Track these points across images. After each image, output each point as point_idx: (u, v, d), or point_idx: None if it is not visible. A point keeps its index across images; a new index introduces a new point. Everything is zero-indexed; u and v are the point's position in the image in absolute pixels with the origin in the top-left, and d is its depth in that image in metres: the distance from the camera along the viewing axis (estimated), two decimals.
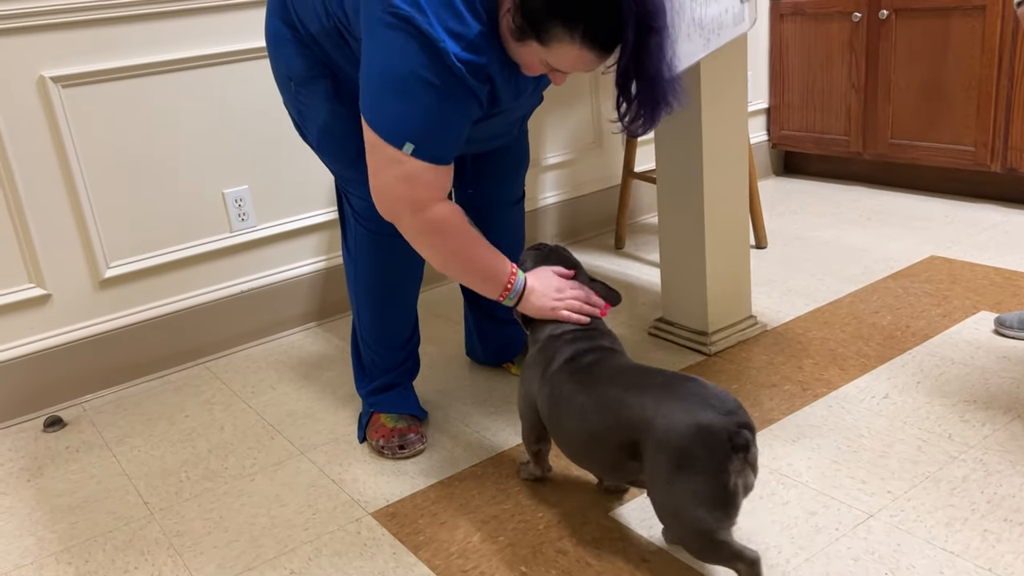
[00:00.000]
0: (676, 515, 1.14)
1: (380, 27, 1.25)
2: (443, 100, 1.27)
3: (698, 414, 1.11)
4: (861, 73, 2.96)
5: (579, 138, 2.86)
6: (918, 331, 1.96)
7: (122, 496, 1.66)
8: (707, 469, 1.09)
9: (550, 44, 1.23)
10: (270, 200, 2.30)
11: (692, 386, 1.16)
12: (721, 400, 1.13)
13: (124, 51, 2.02)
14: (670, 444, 1.12)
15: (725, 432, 1.09)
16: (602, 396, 1.23)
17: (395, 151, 1.29)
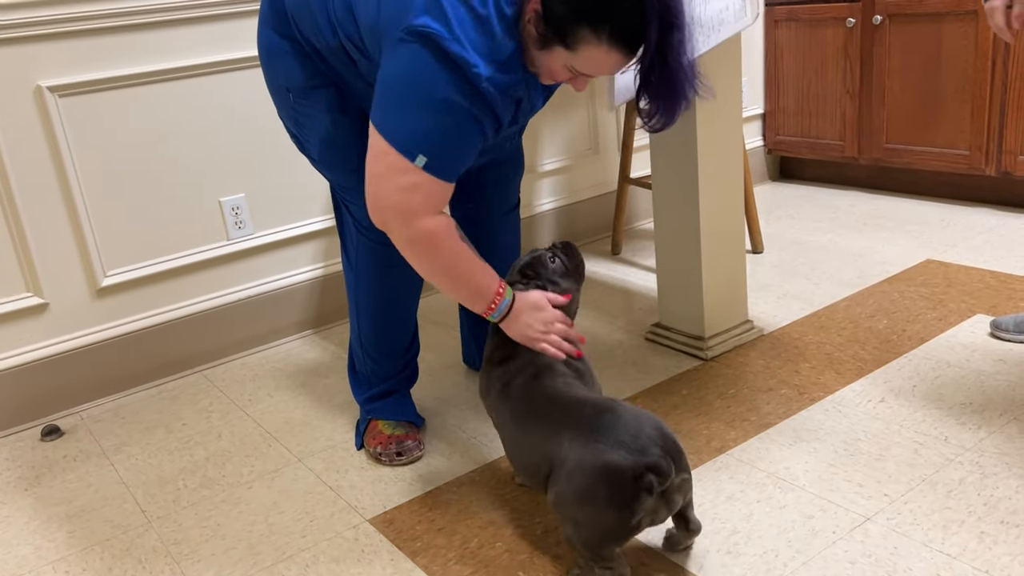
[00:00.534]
0: (575, 532, 1.20)
1: (408, 42, 1.23)
2: (466, 121, 1.27)
3: (606, 454, 1.14)
4: (856, 78, 2.97)
5: (575, 144, 2.86)
6: (914, 335, 1.97)
7: (119, 504, 1.66)
8: (612, 507, 1.14)
9: (577, 48, 1.24)
10: (267, 208, 2.30)
11: (609, 420, 1.19)
12: (634, 438, 1.15)
13: (121, 60, 2.03)
14: (575, 481, 1.18)
15: (631, 473, 1.12)
16: (528, 431, 1.31)
17: (404, 161, 1.27)
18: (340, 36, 1.40)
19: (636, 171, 2.99)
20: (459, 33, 1.21)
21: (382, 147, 1.29)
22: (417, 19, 1.22)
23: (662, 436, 1.17)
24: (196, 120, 2.16)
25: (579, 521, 1.19)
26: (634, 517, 1.14)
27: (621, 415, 1.20)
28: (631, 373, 1.94)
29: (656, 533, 1.38)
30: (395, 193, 1.30)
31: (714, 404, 1.77)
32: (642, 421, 1.19)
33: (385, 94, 1.28)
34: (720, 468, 1.54)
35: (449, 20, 1.21)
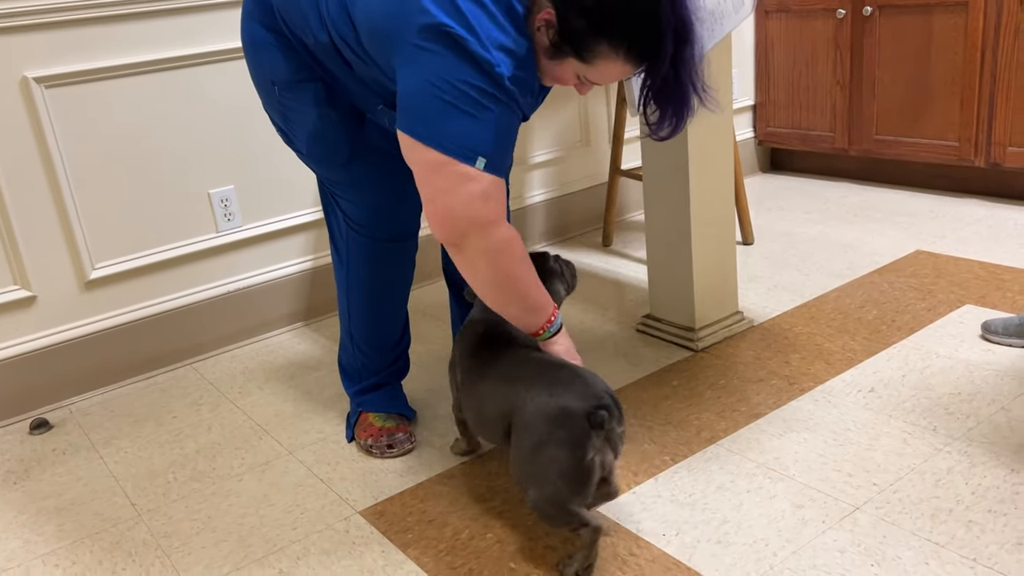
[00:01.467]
0: (536, 485, 1.25)
1: (426, 43, 1.20)
2: (505, 111, 1.25)
3: (560, 399, 1.24)
4: (846, 70, 2.97)
5: (566, 136, 2.86)
6: (903, 325, 1.98)
7: (109, 498, 1.65)
8: (566, 446, 1.22)
9: (593, 61, 1.24)
10: (256, 200, 2.29)
11: (563, 374, 1.28)
12: (586, 386, 1.25)
13: (108, 51, 2.02)
14: (533, 425, 1.25)
15: (583, 412, 1.21)
16: (492, 388, 1.37)
17: (468, 168, 1.23)
18: (332, 35, 1.37)
19: (627, 163, 2.99)
20: (479, 32, 1.19)
21: (437, 160, 1.24)
22: (431, 17, 1.19)
23: (609, 390, 1.27)
24: (185, 111, 2.14)
25: (538, 474, 1.25)
26: (587, 455, 1.21)
27: (576, 372, 1.29)
28: (622, 364, 1.95)
29: (646, 523, 1.38)
30: (469, 204, 1.25)
31: (704, 395, 1.77)
32: (594, 376, 1.29)
33: (420, 104, 1.23)
34: (710, 458, 1.55)
35: (467, 19, 1.19)
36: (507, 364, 1.37)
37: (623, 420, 1.27)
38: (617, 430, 1.25)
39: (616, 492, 1.31)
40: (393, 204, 1.60)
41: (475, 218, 1.27)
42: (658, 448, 1.60)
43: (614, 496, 1.32)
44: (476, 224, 1.27)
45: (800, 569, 1.25)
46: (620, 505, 1.44)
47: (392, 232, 1.62)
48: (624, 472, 1.54)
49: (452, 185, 1.25)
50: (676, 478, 1.50)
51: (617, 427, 1.25)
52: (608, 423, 1.22)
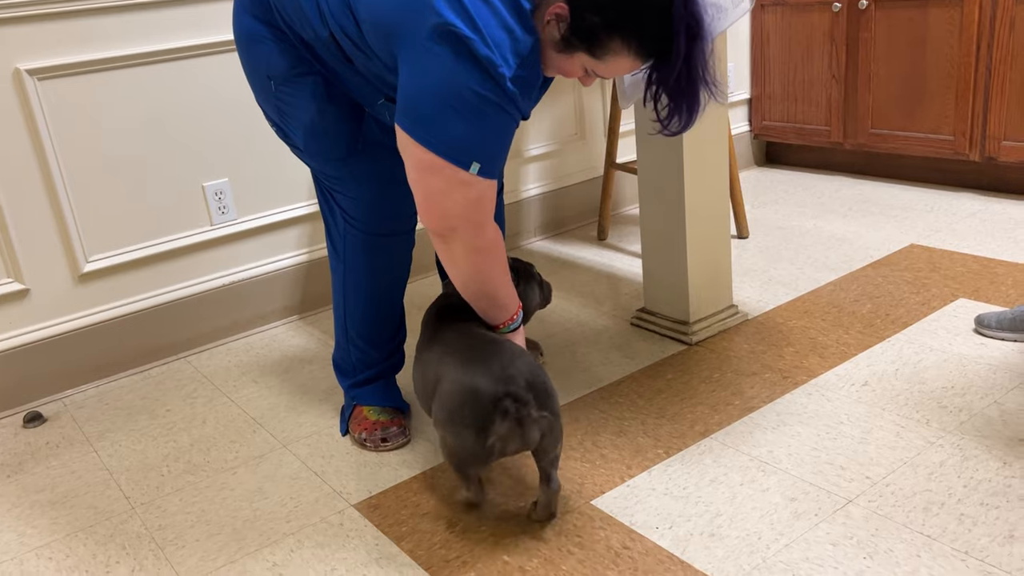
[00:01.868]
0: (445, 449, 1.35)
1: (433, 44, 1.20)
2: (501, 116, 1.26)
3: (473, 379, 1.27)
4: (841, 63, 2.97)
5: (562, 130, 2.86)
6: (897, 319, 1.98)
7: (103, 491, 1.65)
8: (470, 427, 1.26)
9: (604, 56, 1.26)
10: (251, 193, 2.29)
11: (489, 351, 1.31)
12: (503, 368, 1.27)
13: (101, 43, 2.01)
14: (445, 399, 1.31)
15: (490, 397, 1.25)
16: (430, 356, 1.43)
17: (463, 172, 1.27)
18: (332, 29, 1.37)
19: (622, 156, 2.99)
20: (485, 32, 1.20)
21: (433, 162, 1.26)
22: (440, 18, 1.19)
23: (531, 373, 1.29)
24: (179, 104, 2.13)
25: (447, 440, 1.32)
26: (489, 439, 1.26)
27: (500, 350, 1.32)
28: (616, 358, 1.95)
29: (639, 515, 1.38)
30: (463, 207, 1.30)
31: (698, 388, 1.77)
32: (517, 358, 1.31)
33: (420, 105, 1.24)
34: (704, 451, 1.55)
35: (473, 18, 1.19)
36: (449, 336, 1.42)
37: (546, 405, 1.28)
38: (533, 415, 1.26)
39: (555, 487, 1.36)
40: (391, 199, 1.59)
41: (468, 219, 1.32)
42: (652, 441, 1.60)
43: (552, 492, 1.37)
44: (471, 225, 1.33)
45: (793, 562, 1.25)
46: (614, 499, 1.45)
47: (389, 227, 1.62)
48: (618, 465, 1.54)
49: (447, 187, 1.28)
50: (670, 471, 1.51)
51: (534, 412, 1.26)
52: (520, 410, 1.24)
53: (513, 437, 1.27)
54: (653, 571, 1.27)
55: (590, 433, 1.65)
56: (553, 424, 1.30)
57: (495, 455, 1.29)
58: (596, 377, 1.87)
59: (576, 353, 2.00)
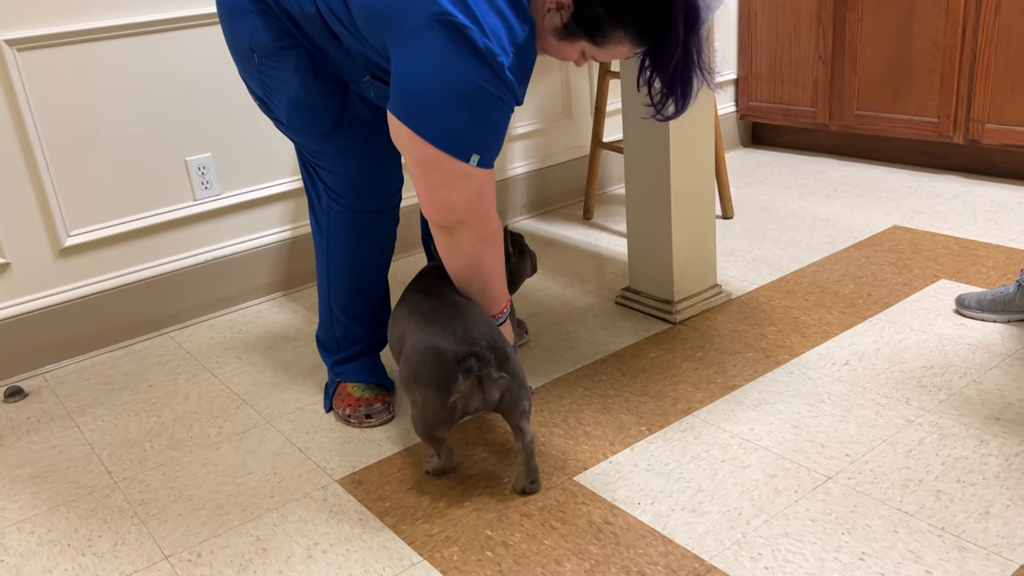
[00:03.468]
0: (413, 411, 1.39)
1: (425, 32, 1.19)
2: (499, 105, 1.26)
3: (436, 339, 1.32)
4: (828, 45, 2.97)
5: (548, 108, 2.85)
6: (879, 299, 2.00)
7: (85, 466, 1.65)
8: (432, 384, 1.31)
9: (604, 44, 1.28)
10: (234, 168, 2.27)
11: (452, 314, 1.35)
12: (465, 331, 1.32)
13: (83, 14, 1.98)
14: (410, 357, 1.36)
15: (453, 356, 1.29)
16: (401, 313, 1.47)
17: (464, 165, 1.27)
18: (320, 7, 1.35)
19: (609, 135, 2.98)
20: (482, 21, 1.19)
21: (432, 155, 1.26)
22: (436, 6, 1.18)
23: (492, 336, 1.33)
24: (163, 77, 2.11)
25: (414, 400, 1.36)
26: (451, 397, 1.31)
27: (463, 314, 1.36)
28: (601, 336, 1.96)
29: (621, 491, 1.40)
30: (468, 200, 1.31)
31: (681, 367, 1.78)
32: (479, 322, 1.35)
33: (418, 97, 1.23)
34: (686, 429, 1.56)
35: (469, 7, 1.18)
36: (421, 295, 1.45)
37: (505, 367, 1.33)
38: (493, 375, 1.32)
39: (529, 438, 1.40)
40: (375, 175, 1.58)
41: (474, 211, 1.33)
42: (635, 418, 1.61)
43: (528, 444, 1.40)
44: (476, 218, 1.34)
45: (772, 537, 1.27)
46: (596, 475, 1.46)
47: (374, 203, 1.61)
48: (601, 442, 1.55)
49: (451, 180, 1.29)
50: (652, 448, 1.52)
51: (494, 373, 1.32)
52: (483, 369, 1.29)
53: (474, 395, 1.33)
54: (634, 546, 1.28)
55: (574, 410, 1.66)
56: (511, 385, 1.35)
57: (457, 413, 1.34)
58: (580, 355, 1.88)
59: (561, 331, 2.00)
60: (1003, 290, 1.82)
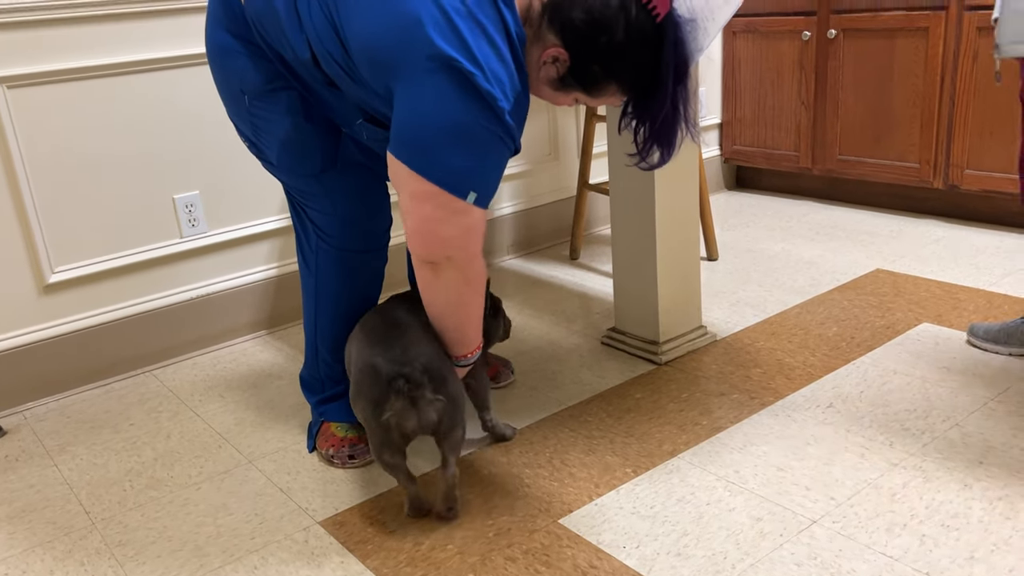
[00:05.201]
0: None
1: (430, 76, 1.21)
2: (499, 147, 1.28)
3: (374, 358, 1.37)
4: (811, 91, 3.03)
5: (536, 150, 2.88)
6: (862, 342, 2.01)
7: (63, 505, 1.62)
8: (369, 401, 1.37)
9: (598, 95, 1.34)
10: (222, 206, 2.27)
11: (393, 335, 1.40)
12: (403, 352, 1.36)
13: (72, 53, 1.99)
14: (353, 377, 1.43)
15: (386, 374, 1.34)
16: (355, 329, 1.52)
17: (460, 202, 1.27)
18: (316, 52, 1.36)
19: (595, 177, 3.01)
20: (485, 67, 1.21)
21: (429, 190, 1.26)
22: (437, 50, 1.19)
23: (428, 359, 1.37)
24: (151, 115, 2.12)
25: (359, 418, 1.42)
26: (384, 414, 1.35)
27: (404, 335, 1.40)
28: (586, 377, 1.96)
29: (607, 535, 1.39)
30: (459, 236, 1.31)
31: (667, 408, 1.78)
32: (418, 343, 1.39)
33: (420, 136, 1.24)
34: (672, 471, 1.56)
35: (473, 52, 1.20)
36: (375, 316, 1.49)
37: (441, 390, 1.36)
38: (428, 396, 1.35)
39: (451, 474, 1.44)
40: (365, 215, 1.59)
41: (464, 248, 1.33)
42: (620, 460, 1.61)
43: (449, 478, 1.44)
44: (462, 254, 1.34)
45: None
46: (581, 518, 1.45)
47: (363, 243, 1.61)
48: (586, 484, 1.54)
49: (443, 215, 1.29)
50: (637, 490, 1.51)
51: (428, 394, 1.35)
52: (413, 390, 1.34)
53: (409, 416, 1.36)
54: None
55: (559, 451, 1.65)
56: (447, 407, 1.38)
57: (393, 432, 1.37)
58: (566, 395, 1.88)
59: (547, 371, 2.00)
60: (1012, 323, 1.84)
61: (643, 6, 1.26)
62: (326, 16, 1.31)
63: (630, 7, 1.25)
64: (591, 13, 1.25)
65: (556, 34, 1.28)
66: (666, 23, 1.27)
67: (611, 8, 1.25)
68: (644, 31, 1.26)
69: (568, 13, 1.26)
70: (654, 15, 1.26)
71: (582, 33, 1.26)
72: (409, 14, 1.20)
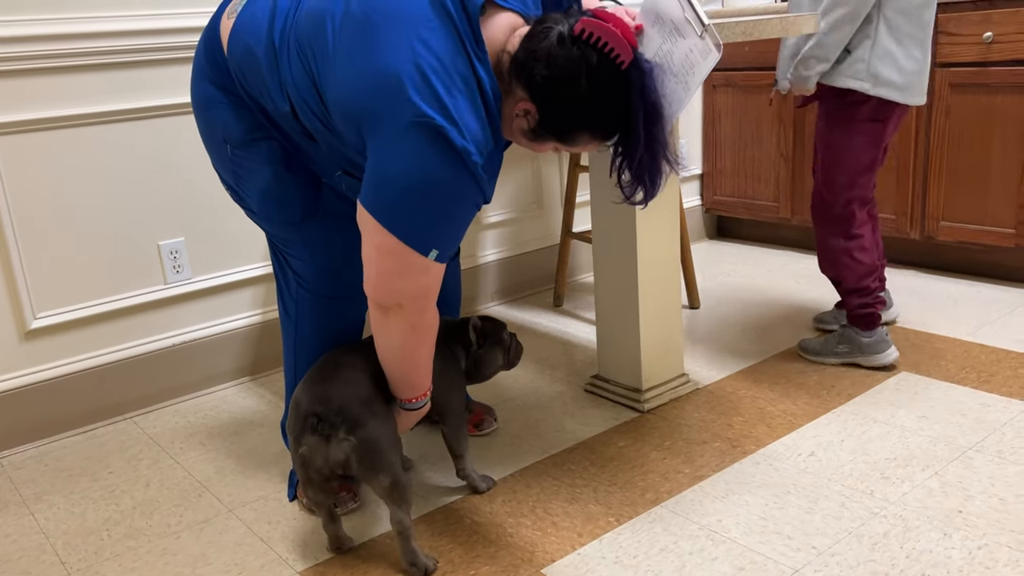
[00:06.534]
0: None
1: (405, 132, 1.23)
2: (465, 206, 1.30)
3: (301, 394, 1.43)
4: (789, 143, 3.09)
5: (520, 198, 2.91)
6: (842, 391, 2.03)
7: (38, 556, 1.60)
8: (290, 431, 1.44)
9: (573, 144, 1.36)
10: (206, 252, 2.28)
11: (326, 373, 1.44)
12: (324, 390, 1.41)
13: (58, 102, 2.01)
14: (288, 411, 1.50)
15: (303, 411, 1.41)
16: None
17: (422, 259, 1.30)
18: (295, 105, 1.39)
19: (579, 225, 3.05)
20: (458, 122, 1.23)
21: (393, 245, 1.29)
22: (414, 107, 1.22)
23: (346, 400, 1.40)
24: (136, 162, 2.14)
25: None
26: (300, 447, 1.41)
27: (336, 375, 1.44)
28: (569, 424, 1.96)
29: None
30: (415, 291, 1.34)
31: (650, 456, 1.79)
32: (346, 385, 1.42)
33: (389, 190, 1.26)
34: (654, 520, 1.56)
35: (447, 108, 1.23)
36: (336, 352, 1.52)
37: (354, 432, 1.39)
38: (339, 436, 1.39)
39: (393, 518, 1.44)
40: (345, 263, 1.60)
41: (417, 300, 1.35)
42: (603, 509, 1.61)
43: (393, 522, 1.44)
44: (417, 307, 1.36)
45: None
46: (565, 567, 1.44)
47: (343, 290, 1.63)
48: (569, 533, 1.54)
49: (403, 270, 1.31)
50: (620, 539, 1.51)
51: (340, 434, 1.38)
52: (324, 429, 1.38)
53: (318, 452, 1.40)
54: None
55: (542, 500, 1.65)
56: (358, 450, 1.39)
57: (309, 467, 1.41)
58: (549, 443, 1.88)
59: (530, 419, 2.01)
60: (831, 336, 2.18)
61: (604, 55, 1.27)
62: (304, 68, 1.34)
63: (591, 57, 1.26)
64: (552, 68, 1.27)
65: (523, 89, 1.31)
66: (630, 70, 1.28)
67: (571, 60, 1.26)
68: (607, 79, 1.28)
69: (531, 70, 1.28)
70: (618, 63, 1.27)
71: (546, 88, 1.29)
72: (387, 70, 1.23)
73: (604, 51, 1.26)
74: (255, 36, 1.41)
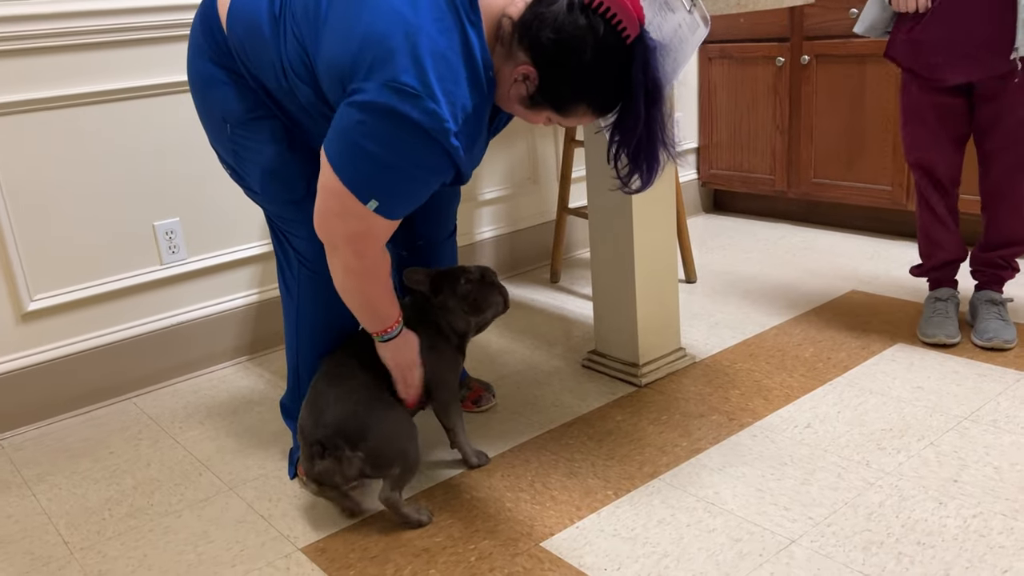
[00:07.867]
0: None
1: (378, 91, 1.23)
2: (422, 170, 1.30)
3: (304, 419, 1.49)
4: (785, 115, 3.08)
5: (516, 174, 2.90)
6: (839, 362, 2.04)
7: (40, 536, 1.61)
8: (303, 457, 1.49)
9: (569, 115, 1.35)
10: (202, 232, 2.28)
11: (321, 395, 1.49)
12: (320, 414, 1.46)
13: (50, 82, 2.00)
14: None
15: (308, 439, 1.47)
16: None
17: (359, 205, 1.30)
18: (290, 77, 1.39)
19: (574, 201, 3.04)
20: (435, 87, 1.23)
21: (335, 187, 1.30)
22: (393, 71, 1.22)
23: (343, 419, 1.44)
24: (130, 142, 2.13)
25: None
26: (312, 467, 1.46)
27: (329, 395, 1.48)
28: (567, 400, 1.97)
29: (589, 557, 1.39)
30: (349, 235, 1.34)
31: (647, 430, 1.80)
32: (338, 403, 1.46)
33: (345, 136, 1.28)
34: (652, 493, 1.57)
35: (426, 73, 1.22)
36: (330, 362, 1.57)
37: (359, 446, 1.44)
38: (347, 455, 1.44)
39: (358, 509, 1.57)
40: None
41: (350, 242, 1.36)
42: (601, 483, 1.62)
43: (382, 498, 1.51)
44: (351, 248, 1.37)
45: None
46: (563, 540, 1.45)
47: None
48: (567, 507, 1.55)
49: (341, 211, 1.33)
50: (618, 512, 1.52)
51: (348, 453, 1.44)
52: (330, 453, 1.44)
53: (331, 473, 1.46)
54: None
55: (540, 475, 1.66)
56: (367, 460, 1.46)
57: (324, 485, 1.49)
58: (547, 419, 1.89)
59: (528, 395, 2.01)
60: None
61: (612, 26, 1.26)
62: (298, 40, 1.35)
63: (598, 27, 1.26)
64: (559, 33, 1.26)
65: (526, 52, 1.30)
66: (636, 45, 1.28)
67: (579, 28, 1.26)
68: (613, 51, 1.28)
69: (537, 32, 1.28)
70: (624, 36, 1.27)
71: (551, 52, 1.28)
72: (373, 34, 1.24)
73: (612, 23, 1.26)
74: (256, 12, 1.40)
